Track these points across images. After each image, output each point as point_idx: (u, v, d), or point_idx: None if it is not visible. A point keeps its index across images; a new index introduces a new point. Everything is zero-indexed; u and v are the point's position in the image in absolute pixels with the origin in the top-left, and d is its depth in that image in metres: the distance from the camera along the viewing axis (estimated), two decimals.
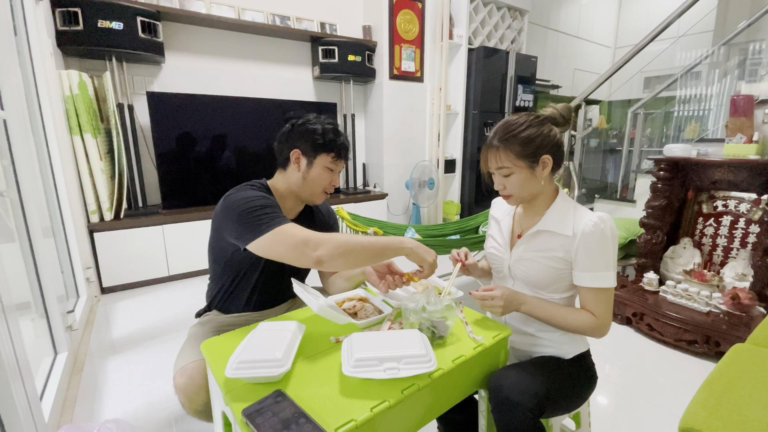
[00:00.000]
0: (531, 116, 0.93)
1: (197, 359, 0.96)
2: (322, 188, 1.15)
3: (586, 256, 0.89)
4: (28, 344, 1.13)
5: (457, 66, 3.91)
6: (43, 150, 1.88)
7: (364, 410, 0.65)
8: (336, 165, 1.14)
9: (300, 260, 0.92)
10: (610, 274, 0.90)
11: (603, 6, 5.93)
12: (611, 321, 0.93)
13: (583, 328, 0.92)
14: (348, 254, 0.93)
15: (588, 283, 0.91)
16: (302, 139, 1.11)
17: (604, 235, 0.88)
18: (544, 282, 0.96)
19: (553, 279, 0.95)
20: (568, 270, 0.94)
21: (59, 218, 2.00)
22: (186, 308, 2.22)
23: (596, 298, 0.91)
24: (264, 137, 3.04)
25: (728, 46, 3.33)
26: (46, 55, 1.91)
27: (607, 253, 0.89)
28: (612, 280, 0.90)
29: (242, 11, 3.02)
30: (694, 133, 3.42)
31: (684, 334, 1.79)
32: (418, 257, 0.99)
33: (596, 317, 0.91)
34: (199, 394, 0.92)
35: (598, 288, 0.90)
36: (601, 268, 0.89)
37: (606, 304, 0.91)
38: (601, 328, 0.92)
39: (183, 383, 0.93)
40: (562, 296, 0.97)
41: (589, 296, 0.92)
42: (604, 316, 0.91)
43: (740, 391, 0.94)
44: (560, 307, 0.95)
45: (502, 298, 0.91)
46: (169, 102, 2.60)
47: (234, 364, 0.71)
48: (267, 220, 0.95)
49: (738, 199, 2.04)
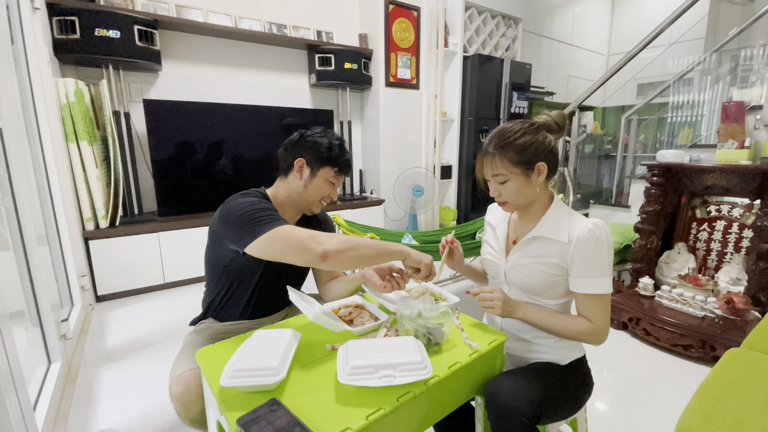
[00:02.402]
0: (526, 123, 0.94)
1: (193, 367, 0.96)
2: (321, 197, 1.17)
3: (581, 263, 0.90)
4: (22, 353, 1.12)
5: (452, 73, 3.95)
6: (39, 158, 1.88)
7: (360, 418, 0.65)
8: (337, 179, 1.17)
9: (304, 255, 0.92)
10: (606, 281, 0.90)
11: (596, 14, 6.02)
12: (609, 327, 0.94)
13: (581, 334, 0.92)
14: (353, 250, 0.95)
15: (584, 289, 0.91)
16: (309, 149, 1.14)
17: (599, 242, 0.88)
18: (540, 288, 0.96)
19: (548, 285, 0.95)
20: (563, 276, 0.94)
21: (54, 226, 1.99)
22: (182, 316, 2.21)
23: (593, 304, 0.91)
24: (260, 144, 3.04)
25: (720, 52, 3.38)
26: (42, 64, 1.91)
27: (603, 260, 0.89)
28: (608, 287, 0.90)
29: (239, 20, 3.04)
30: (687, 139, 3.45)
31: (679, 339, 1.80)
32: (415, 260, 1.02)
33: (593, 323, 0.91)
34: (195, 403, 0.92)
35: (594, 294, 0.90)
36: (597, 275, 0.89)
37: (603, 310, 0.91)
38: (598, 335, 0.92)
39: (179, 392, 0.92)
40: (558, 302, 0.97)
41: (585, 302, 0.92)
42: (601, 323, 0.91)
43: (735, 396, 0.94)
44: (556, 315, 0.95)
45: (500, 299, 0.92)
46: (166, 109, 2.60)
47: (229, 373, 0.71)
48: (267, 221, 0.96)
49: (731, 203, 2.06)
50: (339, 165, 1.16)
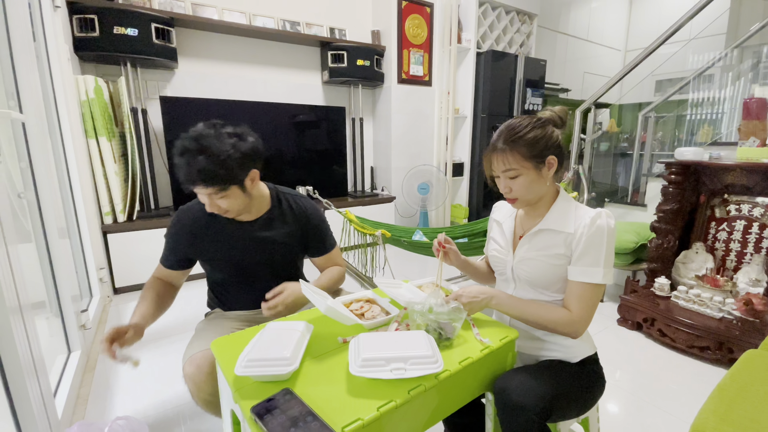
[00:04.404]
0: (533, 118, 0.94)
1: (205, 348, 0.99)
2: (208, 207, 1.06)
3: (578, 250, 0.89)
4: (43, 342, 1.15)
5: (465, 70, 3.92)
6: (60, 153, 1.93)
7: (371, 410, 0.66)
8: (199, 191, 1.01)
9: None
10: (598, 270, 0.88)
11: (613, 9, 5.89)
12: (589, 321, 0.90)
13: (555, 325, 0.90)
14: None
15: (575, 276, 0.90)
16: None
17: (599, 230, 0.88)
18: (547, 281, 0.95)
19: (556, 278, 0.94)
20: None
21: (74, 219, 2.04)
22: (196, 308, 2.23)
23: (579, 292, 0.89)
24: (273, 141, 3.07)
25: (741, 48, 3.29)
26: (63, 61, 1.96)
27: (599, 248, 0.88)
28: (600, 277, 0.88)
29: (253, 17, 3.06)
30: (707, 137, 3.37)
31: (696, 340, 1.76)
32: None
33: (571, 312, 0.89)
34: (206, 383, 0.95)
35: (583, 282, 0.89)
36: (589, 263, 0.88)
37: (586, 300, 0.89)
38: (574, 325, 0.89)
39: (191, 372, 0.96)
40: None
41: (571, 290, 0.91)
42: (580, 313, 0.89)
43: (752, 398, 0.92)
44: (534, 304, 0.94)
45: (463, 296, 0.94)
46: (182, 106, 2.65)
47: (243, 362, 0.72)
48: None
49: (752, 203, 2.01)
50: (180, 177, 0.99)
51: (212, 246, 1.15)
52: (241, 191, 1.05)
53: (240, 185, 1.04)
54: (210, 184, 0.97)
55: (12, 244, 1.00)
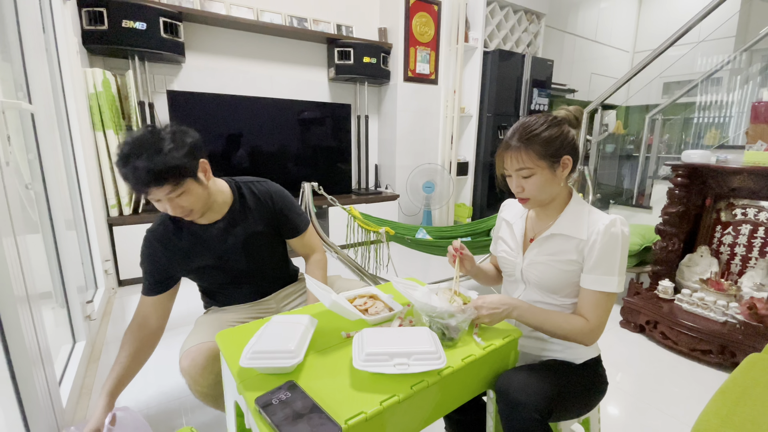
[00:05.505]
0: (549, 117, 0.92)
1: (200, 342, 1.01)
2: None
3: (593, 258, 0.88)
4: (49, 332, 1.17)
5: (471, 69, 3.91)
6: (68, 145, 1.94)
7: (374, 403, 0.66)
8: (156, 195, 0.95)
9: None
10: (613, 279, 0.87)
11: (622, 10, 5.85)
12: (603, 329, 0.90)
13: (573, 334, 0.89)
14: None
15: (589, 284, 0.89)
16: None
17: (614, 238, 0.86)
18: (557, 286, 0.94)
19: (566, 283, 0.94)
20: (580, 274, 0.92)
21: (81, 211, 2.06)
22: (200, 302, 2.26)
23: (594, 301, 0.89)
24: (278, 137, 3.08)
25: (750, 51, 3.26)
26: (72, 53, 1.97)
27: (614, 257, 0.87)
28: (614, 286, 0.87)
29: (261, 13, 3.07)
30: (714, 140, 3.35)
31: (699, 344, 1.76)
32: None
33: (588, 321, 0.89)
34: (202, 375, 0.97)
35: (598, 291, 0.88)
36: (604, 271, 0.87)
37: (602, 309, 0.89)
38: (590, 334, 0.89)
39: (187, 365, 0.98)
40: (575, 301, 0.96)
41: (586, 298, 0.90)
42: (596, 322, 0.89)
43: (754, 401, 0.92)
44: (553, 314, 0.92)
45: (483, 307, 0.90)
46: (188, 101, 2.66)
47: (248, 354, 0.73)
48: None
49: (758, 207, 1.99)
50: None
51: (190, 256, 1.12)
52: (198, 184, 1.01)
53: (194, 177, 0.99)
54: (163, 182, 0.91)
55: (20, 234, 1.01)
